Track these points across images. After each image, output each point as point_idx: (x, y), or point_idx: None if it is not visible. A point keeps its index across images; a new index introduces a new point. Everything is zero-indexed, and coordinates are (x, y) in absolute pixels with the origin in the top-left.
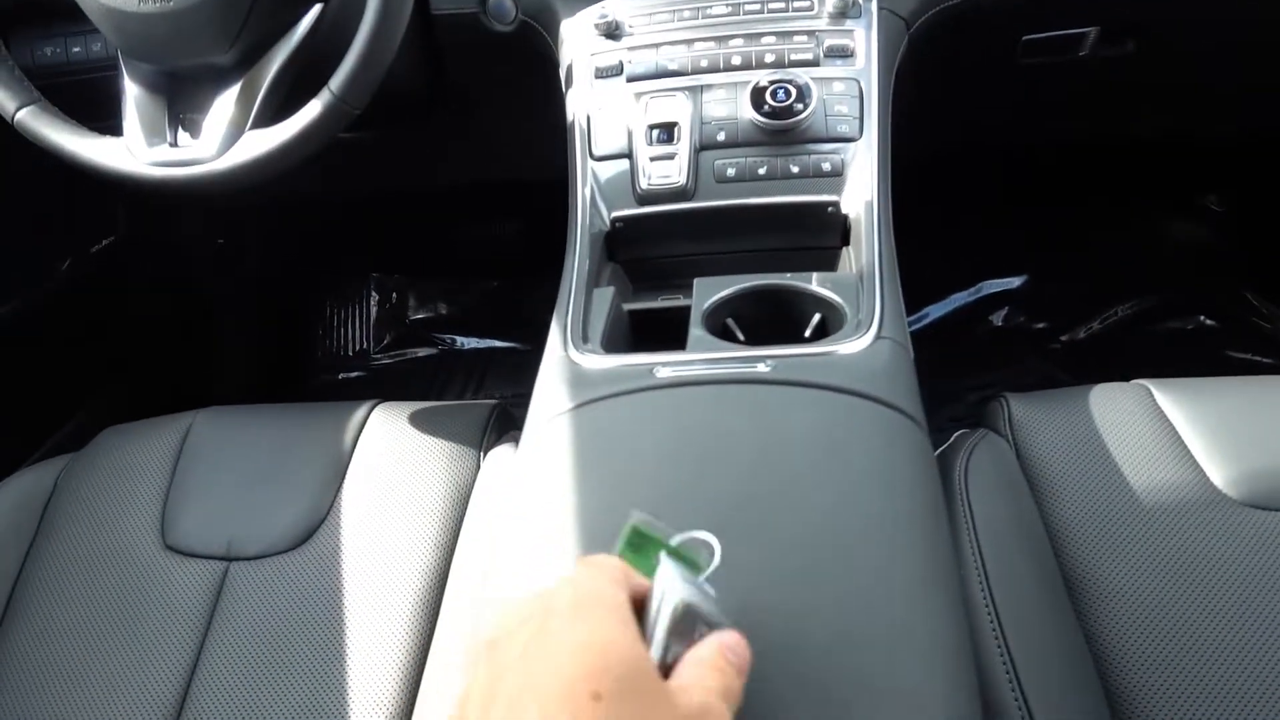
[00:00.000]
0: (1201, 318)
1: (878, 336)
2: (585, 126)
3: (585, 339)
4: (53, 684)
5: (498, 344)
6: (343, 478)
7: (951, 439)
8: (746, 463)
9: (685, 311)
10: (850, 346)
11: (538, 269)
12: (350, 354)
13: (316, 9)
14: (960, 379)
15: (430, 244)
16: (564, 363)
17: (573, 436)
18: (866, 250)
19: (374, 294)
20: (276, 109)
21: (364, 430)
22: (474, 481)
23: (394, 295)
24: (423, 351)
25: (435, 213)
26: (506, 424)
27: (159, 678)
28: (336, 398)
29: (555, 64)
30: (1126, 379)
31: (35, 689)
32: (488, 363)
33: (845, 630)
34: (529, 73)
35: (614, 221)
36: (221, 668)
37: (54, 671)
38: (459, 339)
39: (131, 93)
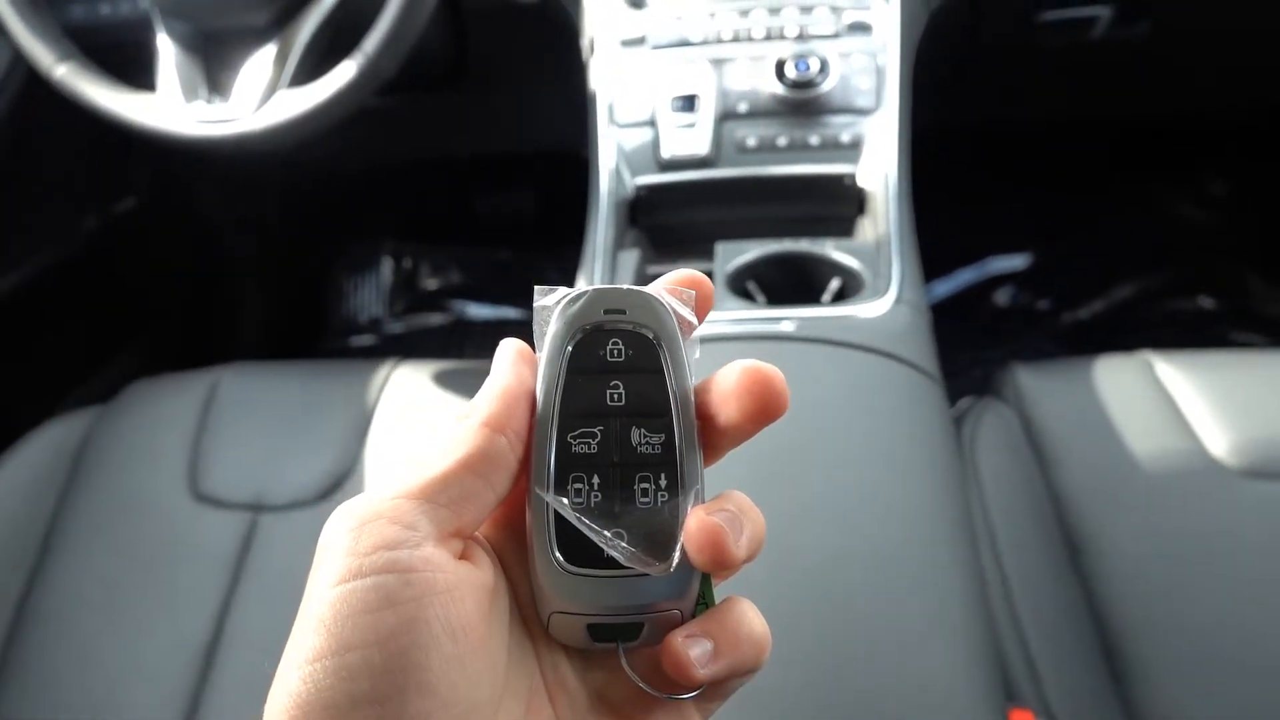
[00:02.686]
0: (1205, 298)
1: (898, 300)
2: (609, 95)
3: None
4: (84, 631)
5: (510, 312)
6: (367, 431)
7: (958, 406)
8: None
9: (708, 275)
10: (871, 309)
11: (552, 240)
12: (364, 319)
13: None
14: (965, 353)
15: (445, 213)
16: None
17: None
18: (884, 220)
19: (389, 260)
20: (310, 70)
21: (386, 386)
22: None
23: (409, 262)
24: (435, 319)
25: (451, 182)
26: None
27: (189, 624)
28: (340, 360)
29: (577, 35)
30: None
31: (67, 636)
32: (499, 330)
33: (872, 579)
34: (551, 44)
35: (637, 188)
36: (251, 614)
37: (85, 619)
38: (471, 306)
39: (168, 51)
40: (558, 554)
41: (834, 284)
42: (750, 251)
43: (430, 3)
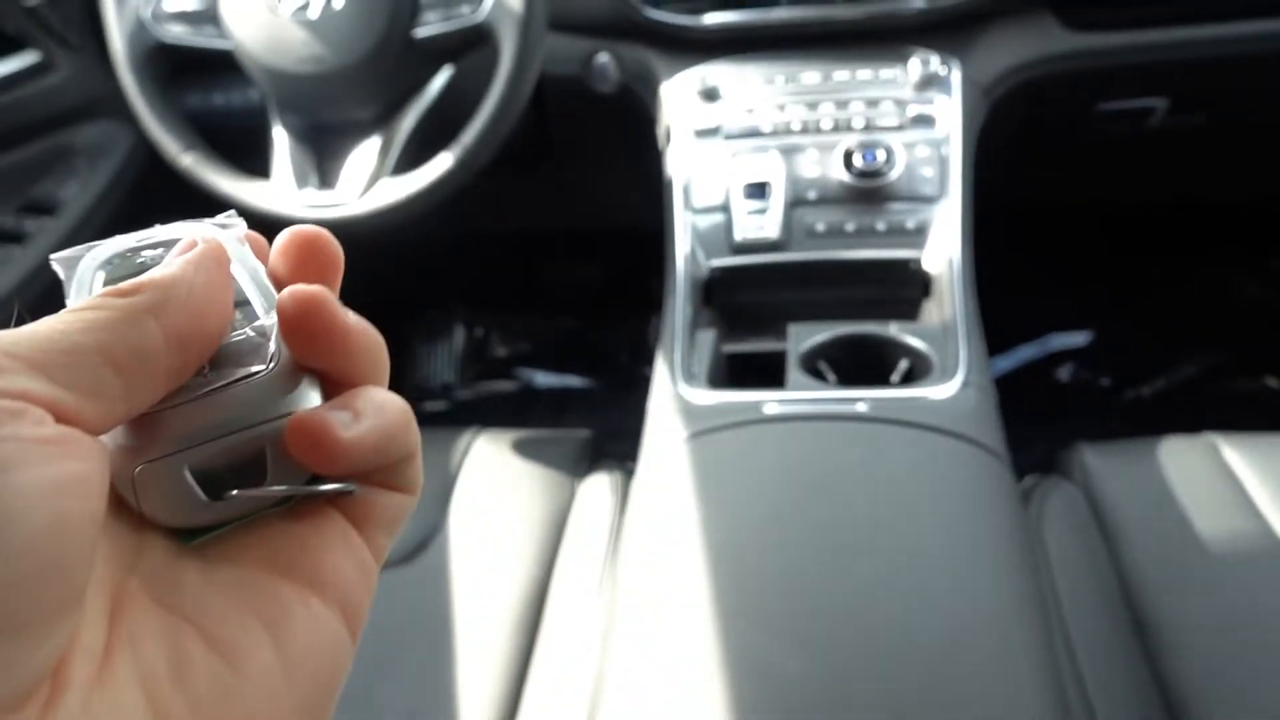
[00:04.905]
0: (1269, 378)
1: (965, 382)
2: (684, 180)
3: (692, 375)
4: None
5: (574, 381)
6: (450, 496)
7: (1023, 483)
8: (852, 491)
9: (780, 354)
10: (940, 391)
11: (617, 311)
12: (436, 384)
13: (448, 71)
14: (1026, 432)
15: (517, 283)
16: (675, 398)
17: (691, 463)
18: (949, 303)
19: (461, 328)
20: (410, 159)
21: (468, 454)
22: (570, 506)
23: (480, 331)
24: (504, 386)
25: (523, 253)
26: (599, 454)
27: None
28: (421, 426)
29: (651, 122)
30: None
31: None
32: (565, 398)
33: (943, 657)
34: (626, 129)
35: (712, 269)
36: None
37: None
38: (539, 375)
39: (282, 141)
40: None
41: (903, 365)
42: (823, 332)
43: (525, 99)
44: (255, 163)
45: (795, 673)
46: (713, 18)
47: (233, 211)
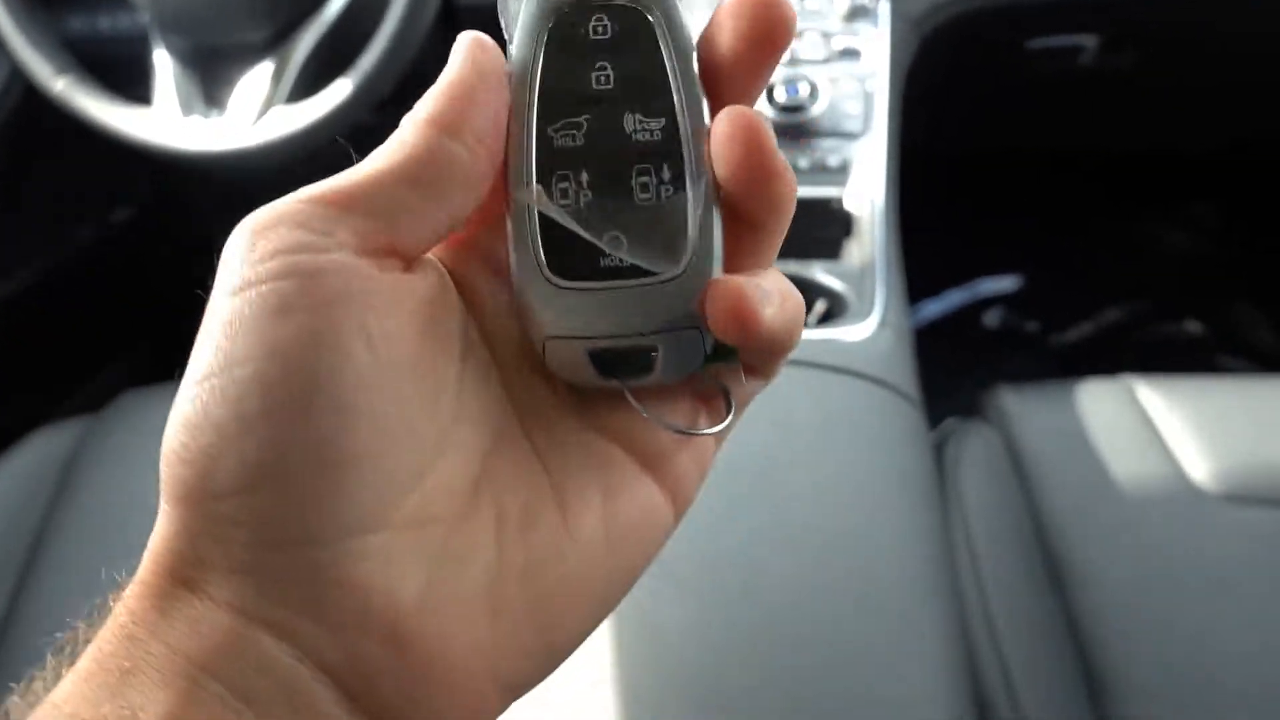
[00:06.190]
0: (1191, 323)
1: (881, 323)
2: None
3: None
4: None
5: None
6: None
7: (943, 427)
8: (755, 435)
9: None
10: (854, 332)
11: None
12: None
13: None
14: (952, 374)
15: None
16: None
17: None
18: (870, 243)
19: None
20: (306, 87)
21: None
22: None
23: None
24: None
25: None
26: None
27: None
28: None
29: None
30: None
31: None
32: None
33: (845, 602)
34: None
35: None
36: None
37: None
38: None
39: (165, 66)
40: (546, 268)
41: (819, 306)
42: None
43: (426, 22)
44: (147, 92)
45: (677, 622)
46: None
47: None
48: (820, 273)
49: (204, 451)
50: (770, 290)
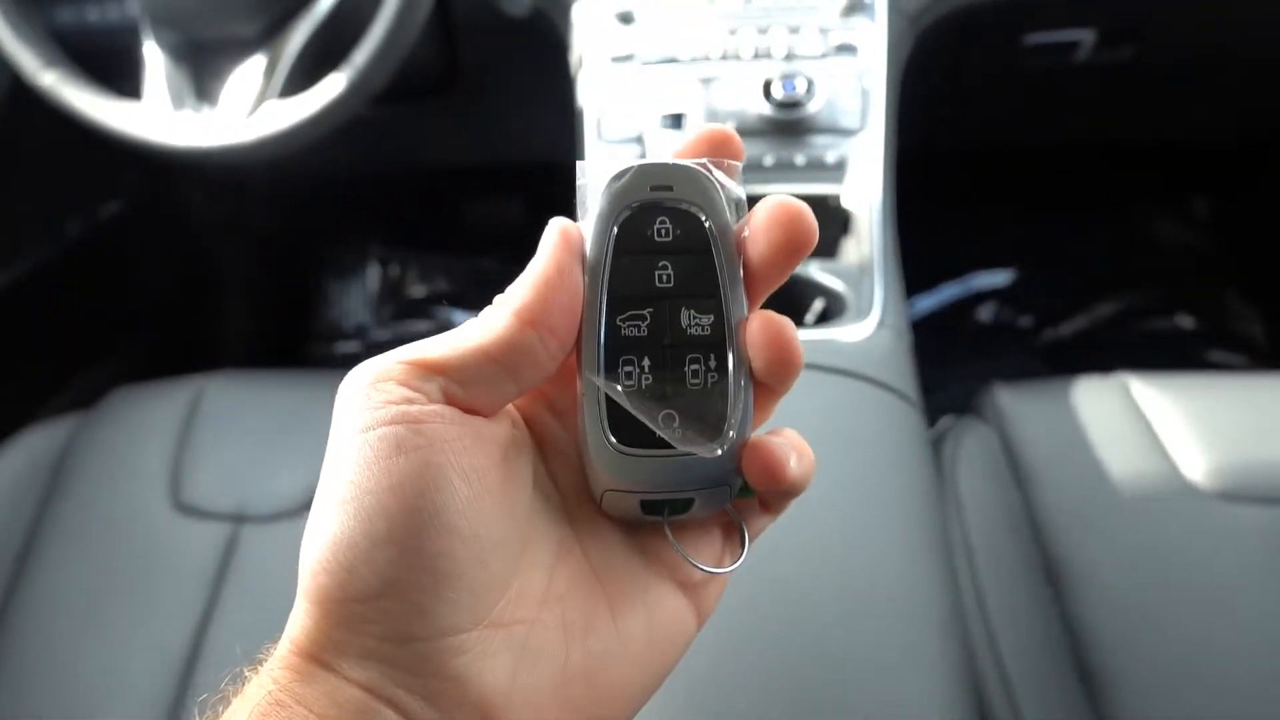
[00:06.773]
0: (1184, 317)
1: (880, 323)
2: (597, 111)
3: None
4: (63, 643)
5: None
6: None
7: (939, 425)
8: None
9: None
10: (853, 332)
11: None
12: (350, 326)
13: None
14: (946, 370)
15: (433, 220)
16: None
17: None
18: (868, 241)
19: (376, 267)
20: (299, 82)
21: None
22: None
23: (395, 269)
24: (421, 326)
25: (439, 190)
26: None
27: (169, 636)
28: (333, 368)
29: (566, 48)
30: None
31: (46, 647)
32: None
33: (845, 604)
34: (540, 56)
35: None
36: (231, 626)
37: (64, 630)
38: (457, 314)
39: (156, 60)
40: (610, 436)
41: (817, 305)
42: None
43: (421, 17)
44: (137, 86)
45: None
46: None
47: (724, 131)
48: (818, 272)
49: (341, 565)
50: (792, 448)
